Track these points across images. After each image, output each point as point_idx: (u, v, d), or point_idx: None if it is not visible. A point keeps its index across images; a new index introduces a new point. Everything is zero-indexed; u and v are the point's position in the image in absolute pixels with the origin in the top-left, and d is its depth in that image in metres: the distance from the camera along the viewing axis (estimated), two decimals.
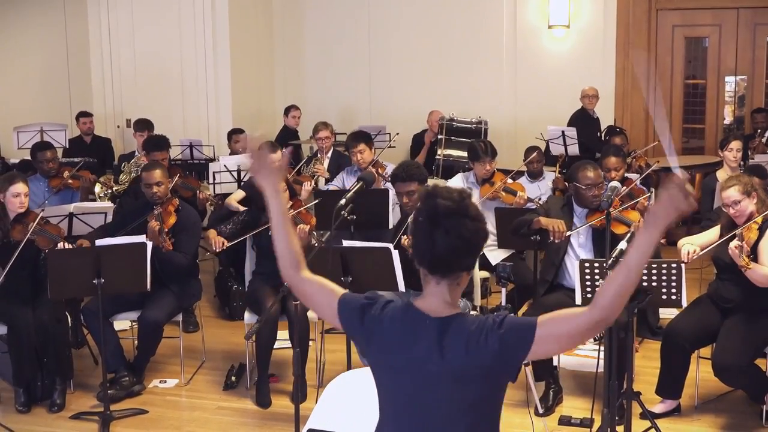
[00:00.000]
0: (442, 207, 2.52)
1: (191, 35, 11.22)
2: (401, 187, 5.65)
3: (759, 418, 5.32)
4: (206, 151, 9.79)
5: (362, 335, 2.68)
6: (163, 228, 5.94)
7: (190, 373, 6.30)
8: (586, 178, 5.64)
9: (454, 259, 2.55)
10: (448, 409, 2.56)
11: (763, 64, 11.19)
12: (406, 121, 11.03)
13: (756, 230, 5.12)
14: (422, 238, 2.55)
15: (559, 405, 5.60)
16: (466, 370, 2.52)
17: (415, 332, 2.58)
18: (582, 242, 5.70)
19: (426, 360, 2.55)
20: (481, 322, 2.55)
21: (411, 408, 2.60)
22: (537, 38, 11.36)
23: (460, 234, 2.51)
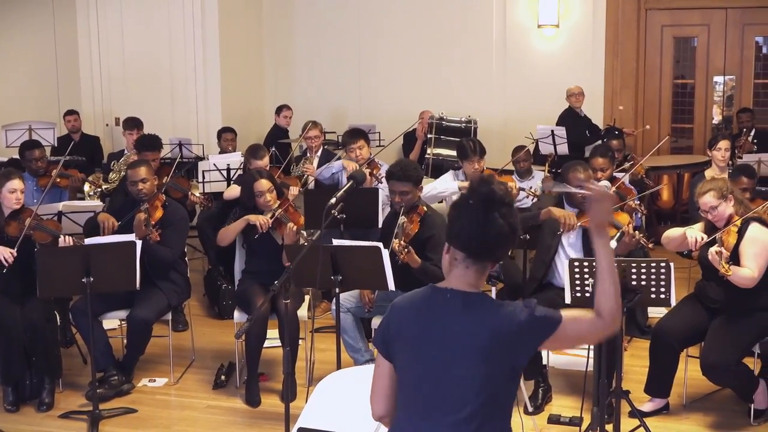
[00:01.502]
0: (499, 193, 2.63)
1: (180, 33, 11.20)
2: (396, 186, 5.64)
3: (747, 417, 5.34)
4: (196, 150, 9.78)
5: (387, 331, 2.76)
6: (149, 220, 5.93)
7: (179, 372, 6.29)
8: (576, 178, 5.66)
9: (499, 244, 2.66)
10: (465, 384, 2.62)
11: (751, 64, 11.23)
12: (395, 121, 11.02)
13: (735, 233, 5.14)
14: (472, 221, 2.63)
15: (549, 403, 5.61)
16: (487, 345, 2.59)
17: (436, 306, 2.68)
18: (572, 242, 5.72)
19: (447, 333, 2.64)
20: (506, 304, 2.67)
21: (429, 384, 2.66)
22: (526, 37, 11.37)
23: (510, 222, 2.64)
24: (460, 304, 2.64)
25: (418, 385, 2.68)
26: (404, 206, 5.64)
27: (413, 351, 2.69)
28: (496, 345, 2.59)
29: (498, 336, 2.59)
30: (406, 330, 2.70)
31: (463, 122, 10.43)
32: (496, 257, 2.71)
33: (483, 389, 2.61)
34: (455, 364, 2.62)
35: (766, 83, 11.31)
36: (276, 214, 5.93)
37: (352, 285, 5.35)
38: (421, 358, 2.67)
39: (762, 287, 5.15)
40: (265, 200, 6.01)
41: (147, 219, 5.93)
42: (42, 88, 12.13)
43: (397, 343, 2.73)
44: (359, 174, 4.78)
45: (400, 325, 2.73)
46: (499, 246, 2.66)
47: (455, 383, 2.62)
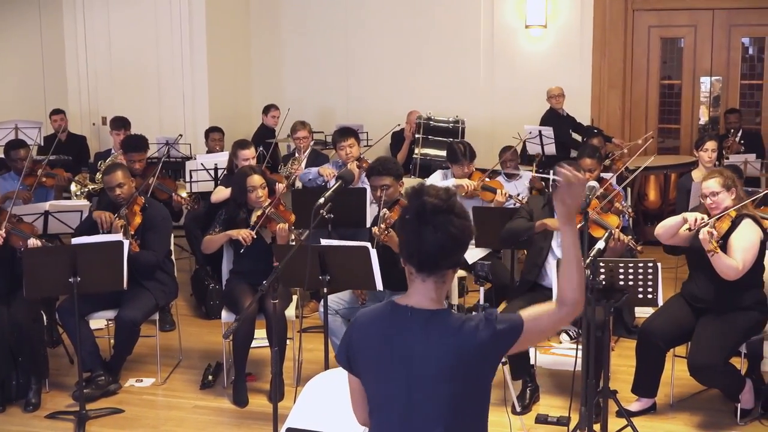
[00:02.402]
0: (430, 205, 2.57)
1: (168, 32, 11.18)
2: (376, 181, 5.68)
3: (734, 417, 5.36)
4: (183, 149, 9.75)
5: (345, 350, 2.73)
6: (128, 229, 5.91)
7: (166, 372, 6.27)
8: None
9: (442, 256, 2.59)
10: (433, 403, 2.59)
11: (738, 65, 11.27)
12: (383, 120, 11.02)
13: (728, 222, 5.15)
14: (411, 236, 2.60)
15: (536, 403, 5.62)
16: (452, 360, 2.55)
17: (398, 325, 2.62)
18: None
19: (409, 353, 2.59)
20: (470, 318, 2.61)
21: (397, 403, 2.62)
22: (514, 38, 11.39)
23: (447, 231, 2.56)
24: (423, 324, 2.59)
25: (386, 404, 2.65)
26: (386, 200, 5.67)
27: (377, 371, 2.65)
28: (460, 364, 2.55)
29: (462, 355, 2.55)
30: (369, 349, 2.66)
31: (451, 122, 10.42)
32: (448, 266, 2.63)
33: (451, 408, 2.58)
34: (421, 385, 2.58)
35: (752, 84, 11.36)
36: (266, 212, 5.93)
37: (340, 285, 5.35)
38: (387, 378, 2.63)
39: (748, 286, 5.17)
40: (257, 196, 6.01)
41: (126, 227, 5.91)
42: (28, 87, 12.07)
43: (361, 362, 2.70)
44: (347, 174, 4.79)
45: (362, 343, 2.68)
46: (443, 256, 2.59)
47: (422, 404, 2.59)
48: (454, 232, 2.57)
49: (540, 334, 2.72)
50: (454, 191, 2.67)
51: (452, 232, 2.57)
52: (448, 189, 2.64)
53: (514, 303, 5.74)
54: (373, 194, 5.80)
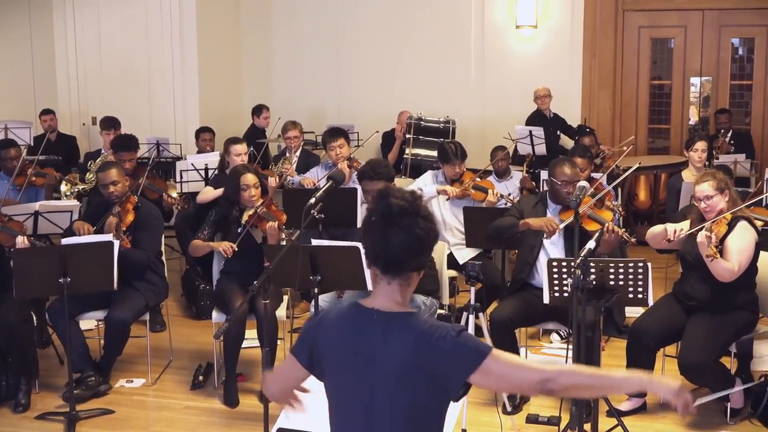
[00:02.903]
0: (396, 206, 2.57)
1: (158, 33, 11.17)
2: (368, 185, 5.67)
3: (723, 416, 5.38)
4: (173, 150, 9.74)
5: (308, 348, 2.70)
6: (120, 225, 5.91)
7: (157, 373, 6.26)
8: (563, 174, 5.69)
9: (407, 257, 2.59)
10: (390, 409, 2.57)
11: (727, 66, 11.31)
12: (374, 121, 11.03)
13: (725, 225, 5.16)
14: (376, 237, 2.59)
15: (527, 403, 5.62)
16: (410, 368, 2.54)
17: (362, 327, 2.61)
18: (554, 239, 5.73)
19: (371, 355, 2.58)
20: (435, 324, 2.59)
21: (357, 407, 2.62)
22: (504, 38, 11.40)
23: (413, 233, 2.56)
24: (387, 327, 2.58)
25: (350, 407, 2.64)
26: None
27: (342, 374, 2.64)
28: (420, 369, 2.53)
29: (422, 360, 2.53)
30: (335, 352, 2.64)
31: (442, 123, 10.44)
32: (413, 268, 2.62)
33: (413, 415, 2.57)
34: (383, 388, 2.57)
35: (742, 84, 11.39)
36: (258, 211, 5.93)
37: (330, 285, 5.35)
38: (351, 381, 2.62)
39: (740, 286, 5.19)
40: (250, 194, 6.01)
41: (118, 224, 5.90)
42: (18, 87, 12.03)
43: (326, 363, 2.68)
44: (338, 174, 4.79)
45: (328, 345, 2.67)
46: (408, 258, 2.59)
47: (385, 407, 2.57)
48: (419, 234, 2.57)
49: (506, 382, 2.63)
50: (420, 194, 2.68)
51: (418, 234, 2.56)
52: (413, 192, 2.65)
53: (505, 302, 5.74)
54: (365, 198, 5.80)
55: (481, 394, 5.59)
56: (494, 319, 5.49)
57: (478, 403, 5.49)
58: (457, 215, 7.09)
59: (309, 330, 2.75)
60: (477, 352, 2.54)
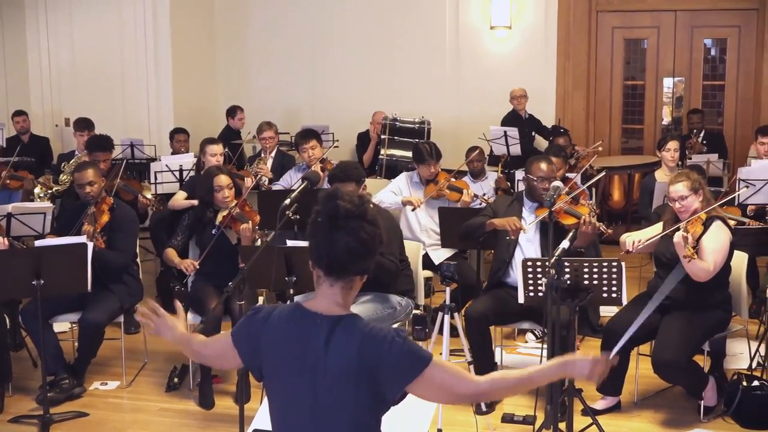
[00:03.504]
0: (343, 209, 2.57)
1: (131, 32, 11.13)
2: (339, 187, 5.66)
3: (697, 413, 5.41)
4: (147, 151, 9.70)
5: (251, 345, 2.70)
6: (95, 228, 5.88)
7: (131, 375, 6.23)
8: (539, 170, 5.72)
9: (351, 260, 2.59)
10: (334, 412, 2.58)
11: (700, 66, 11.40)
12: (349, 121, 11.05)
13: (701, 225, 5.20)
14: (321, 239, 2.59)
15: (500, 403, 5.63)
16: (355, 370, 2.54)
17: (305, 331, 2.60)
18: (530, 237, 5.75)
19: (315, 359, 2.58)
20: (378, 328, 2.59)
21: (300, 410, 2.61)
22: (479, 39, 11.44)
23: (358, 236, 2.57)
24: (331, 331, 2.57)
25: (293, 411, 2.63)
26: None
27: (284, 377, 2.63)
28: (363, 374, 2.53)
29: (366, 364, 2.53)
30: (278, 354, 2.64)
31: (417, 123, 10.45)
32: (357, 272, 2.63)
33: (356, 417, 2.58)
34: (328, 393, 2.57)
35: (714, 85, 11.49)
36: (232, 212, 5.92)
37: (306, 286, 5.34)
38: (293, 385, 2.61)
39: (714, 285, 5.22)
40: (224, 196, 6.00)
41: (93, 228, 5.88)
42: None
43: (267, 364, 2.67)
44: (313, 174, 4.79)
45: (270, 347, 2.65)
46: (352, 261, 2.59)
47: (329, 411, 2.58)
48: (364, 238, 2.57)
49: (444, 389, 2.60)
50: (368, 198, 2.68)
51: (363, 238, 2.57)
52: (361, 195, 2.64)
53: (480, 299, 5.75)
54: None
55: None
56: (470, 315, 5.50)
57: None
58: (432, 216, 7.10)
59: (252, 325, 2.71)
60: (420, 359, 2.56)
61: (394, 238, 5.68)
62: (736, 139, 11.22)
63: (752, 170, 7.05)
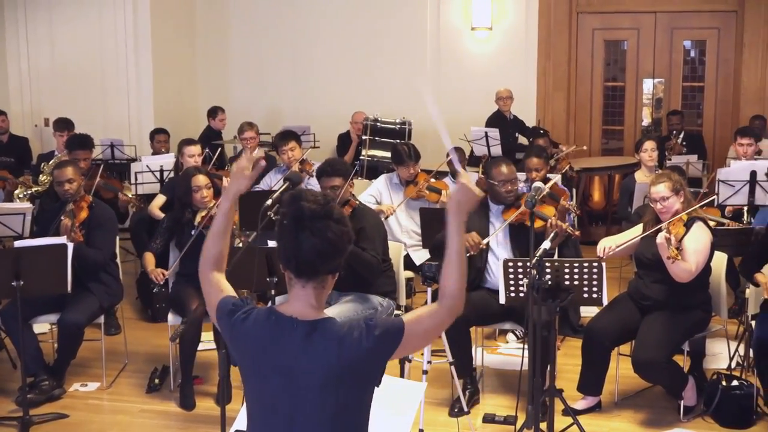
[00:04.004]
0: (308, 210, 2.56)
1: (112, 33, 11.07)
2: (326, 182, 5.66)
3: (677, 413, 5.44)
4: (128, 151, 9.66)
5: (231, 340, 2.70)
6: (74, 222, 5.86)
7: (112, 376, 6.20)
8: (500, 173, 5.71)
9: (320, 261, 2.59)
10: (313, 414, 2.57)
11: (679, 68, 11.47)
12: (330, 122, 11.04)
13: (682, 226, 5.23)
14: (288, 241, 2.58)
15: (475, 406, 5.63)
16: (336, 373, 2.54)
17: (280, 336, 2.59)
18: (500, 240, 5.75)
19: (292, 363, 2.57)
20: (352, 326, 2.59)
21: (277, 415, 2.61)
22: (460, 40, 11.46)
23: (325, 236, 2.56)
24: (306, 335, 2.56)
25: (268, 416, 2.63)
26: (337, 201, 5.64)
27: (259, 382, 2.63)
28: (344, 374, 2.54)
29: (345, 365, 2.53)
30: (251, 358, 2.63)
31: (398, 124, 10.46)
32: (327, 271, 2.62)
33: (338, 418, 2.58)
34: (304, 397, 2.56)
35: (693, 86, 11.56)
36: (211, 212, 5.90)
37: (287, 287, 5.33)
38: (269, 390, 2.61)
39: (695, 286, 5.26)
40: (202, 196, 5.98)
41: (72, 222, 5.86)
42: None
43: (244, 369, 2.67)
44: (294, 175, 4.79)
45: (247, 352, 2.64)
46: (321, 262, 2.58)
47: (308, 416, 2.57)
48: (331, 238, 2.56)
49: (425, 335, 2.68)
50: (333, 197, 2.67)
51: (330, 238, 2.56)
52: (326, 194, 2.64)
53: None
54: None
55: (438, 394, 5.61)
56: None
57: (434, 404, 5.50)
58: (413, 217, 7.12)
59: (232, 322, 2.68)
60: (396, 331, 2.58)
61: (378, 235, 5.69)
62: (716, 141, 11.29)
63: (731, 171, 7.09)
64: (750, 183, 6.86)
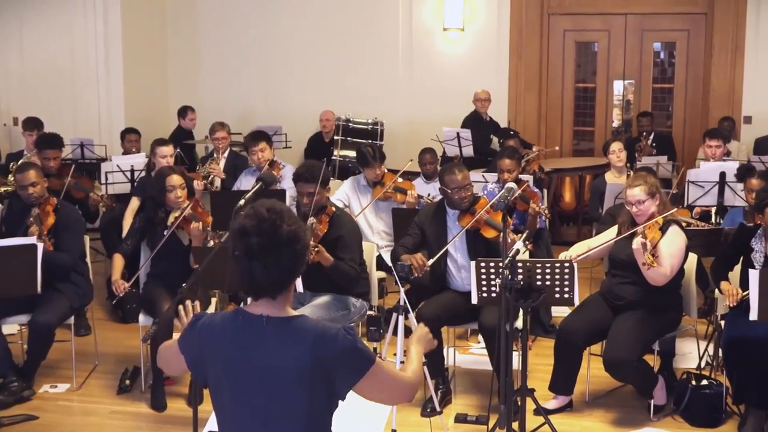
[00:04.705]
0: (257, 245, 2.55)
1: (82, 31, 10.99)
2: (304, 188, 5.61)
3: (647, 412, 5.49)
4: (98, 151, 9.60)
5: (197, 349, 2.69)
6: (42, 230, 5.82)
7: (82, 378, 6.16)
8: (453, 181, 5.67)
9: (277, 286, 2.61)
10: (287, 412, 2.59)
11: (650, 69, 11.55)
12: (302, 122, 11.03)
13: (658, 230, 5.27)
14: (244, 272, 2.59)
15: (448, 405, 5.65)
16: (308, 370, 2.55)
17: (250, 335, 2.61)
18: (458, 245, 5.75)
19: (265, 362, 2.58)
20: (327, 326, 2.61)
21: (252, 414, 2.62)
22: (432, 40, 11.48)
23: (280, 266, 2.58)
24: (280, 333, 2.58)
25: (244, 415, 2.63)
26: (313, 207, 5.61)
27: (233, 383, 2.63)
28: (319, 371, 2.55)
29: (321, 361, 2.55)
30: (222, 361, 2.63)
31: (370, 124, 10.48)
32: (285, 288, 2.64)
33: (310, 417, 2.60)
34: (282, 395, 2.58)
35: (663, 88, 11.64)
36: (184, 212, 5.87)
37: None
38: (244, 390, 2.61)
39: (668, 288, 5.31)
40: (176, 196, 5.94)
41: (39, 231, 5.82)
42: None
43: (211, 372, 2.68)
44: (268, 175, 4.78)
45: (212, 354, 2.65)
46: (279, 287, 2.61)
47: (282, 414, 2.59)
48: (285, 264, 2.59)
49: (386, 387, 2.71)
50: (279, 211, 2.61)
51: (285, 265, 2.59)
52: (274, 221, 2.58)
53: (432, 300, 5.76)
54: (300, 201, 5.75)
55: None
56: (422, 315, 5.50)
57: (406, 404, 5.50)
58: (382, 218, 7.14)
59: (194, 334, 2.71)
60: (367, 357, 2.61)
61: (356, 242, 5.68)
62: (685, 142, 11.39)
63: (701, 172, 7.16)
64: (719, 184, 6.93)
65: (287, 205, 3.19)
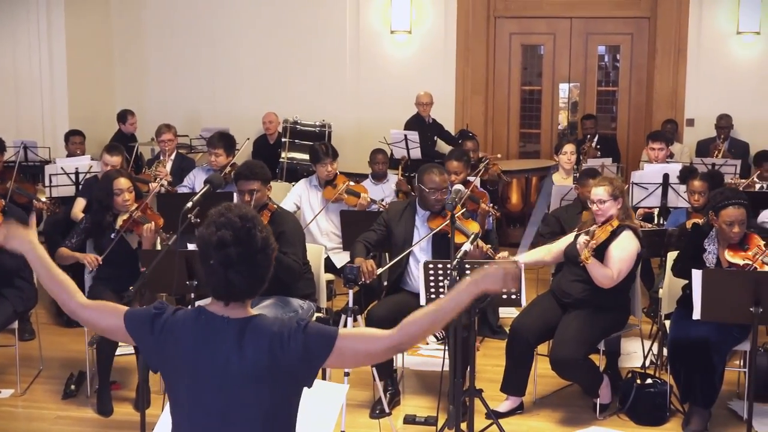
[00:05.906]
0: (235, 255, 2.61)
1: (25, 32, 10.83)
2: (244, 185, 5.62)
3: (593, 411, 5.55)
4: (42, 153, 9.47)
5: (155, 345, 2.69)
6: None
7: (26, 383, 6.08)
8: (432, 181, 5.73)
9: (251, 291, 2.68)
10: (246, 412, 2.60)
11: (594, 72, 11.70)
12: (249, 123, 10.98)
13: (608, 232, 5.34)
14: (218, 281, 2.63)
15: (397, 406, 5.67)
16: (267, 369, 2.58)
17: (212, 334, 2.63)
18: (423, 246, 5.78)
19: (225, 361, 2.60)
20: (283, 323, 2.64)
21: (210, 415, 2.62)
22: (379, 43, 11.50)
23: (255, 273, 2.64)
24: (240, 333, 2.61)
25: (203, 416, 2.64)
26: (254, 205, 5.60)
27: (192, 380, 2.63)
28: (278, 370, 2.58)
29: (279, 361, 2.57)
30: (181, 358, 2.64)
31: (318, 126, 10.48)
32: (258, 292, 2.70)
33: (270, 415, 2.61)
34: (240, 395, 2.59)
35: (607, 90, 11.80)
36: (133, 215, 5.81)
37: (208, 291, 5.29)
38: (204, 389, 2.62)
39: (616, 289, 5.37)
40: (124, 199, 5.87)
41: None
42: None
43: (170, 368, 2.69)
44: (215, 178, 4.74)
45: (171, 350, 2.66)
46: (252, 292, 2.67)
47: (241, 413, 2.60)
48: (261, 272, 2.66)
49: (362, 355, 2.68)
50: (251, 218, 2.66)
51: (259, 273, 2.66)
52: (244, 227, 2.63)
53: (382, 302, 5.78)
54: (241, 199, 5.74)
55: (359, 396, 5.63)
56: (372, 317, 5.51)
57: (356, 405, 5.52)
58: (332, 220, 7.14)
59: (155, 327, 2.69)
60: (327, 338, 2.61)
61: (298, 239, 5.67)
62: (629, 144, 11.54)
63: (644, 174, 7.27)
64: (663, 186, 7.04)
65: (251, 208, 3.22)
